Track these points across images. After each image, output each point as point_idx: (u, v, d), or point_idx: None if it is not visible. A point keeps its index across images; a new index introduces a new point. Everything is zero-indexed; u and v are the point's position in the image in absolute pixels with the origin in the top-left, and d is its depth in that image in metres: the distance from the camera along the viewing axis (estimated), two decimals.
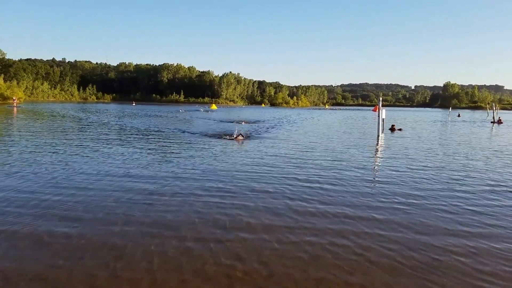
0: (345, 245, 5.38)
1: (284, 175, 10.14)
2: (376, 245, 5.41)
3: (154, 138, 19.56)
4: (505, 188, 9.23)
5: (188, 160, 12.30)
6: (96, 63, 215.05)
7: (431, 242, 5.57)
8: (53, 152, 13.32)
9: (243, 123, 33.57)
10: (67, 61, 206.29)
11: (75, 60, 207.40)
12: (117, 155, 13.12)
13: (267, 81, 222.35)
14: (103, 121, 32.29)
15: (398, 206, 7.39)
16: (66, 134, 20.10)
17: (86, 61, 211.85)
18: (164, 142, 17.76)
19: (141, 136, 20.22)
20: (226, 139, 18.62)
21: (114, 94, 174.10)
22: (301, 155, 14.16)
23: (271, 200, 7.65)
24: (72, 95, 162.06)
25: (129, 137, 19.53)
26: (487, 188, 9.23)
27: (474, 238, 5.77)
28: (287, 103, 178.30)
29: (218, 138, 19.46)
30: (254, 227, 6.09)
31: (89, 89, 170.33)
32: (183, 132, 23.46)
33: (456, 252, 5.23)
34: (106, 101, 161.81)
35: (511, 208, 7.47)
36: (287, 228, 6.05)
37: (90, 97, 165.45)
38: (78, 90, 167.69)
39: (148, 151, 14.48)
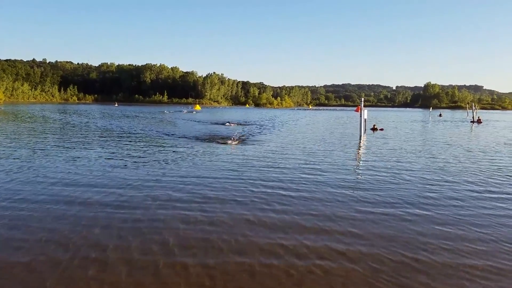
0: (326, 247, 5.28)
1: (270, 181, 10.01)
2: (355, 247, 5.32)
3: (132, 141, 19.16)
4: (479, 191, 9.27)
5: (168, 165, 12.04)
6: (78, 63, 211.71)
7: (406, 246, 5.50)
8: (15, 157, 12.57)
9: (232, 124, 32.70)
10: (47, 61, 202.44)
11: (56, 61, 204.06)
12: (85, 159, 12.51)
13: (251, 81, 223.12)
14: (80, 123, 31.60)
15: (376, 211, 7.33)
16: (38, 137, 19.48)
17: (67, 62, 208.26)
18: (140, 145, 17.38)
19: (117, 139, 19.78)
20: (219, 143, 17.99)
21: (96, 95, 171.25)
22: (286, 159, 14.05)
23: (249, 208, 7.48)
24: (53, 96, 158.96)
25: (104, 140, 19.02)
26: (464, 191, 9.26)
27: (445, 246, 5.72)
28: (271, 103, 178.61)
29: (210, 142, 18.55)
30: (230, 237, 5.92)
31: (70, 90, 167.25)
32: (159, 133, 23.08)
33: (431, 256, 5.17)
34: (88, 102, 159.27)
35: (486, 214, 7.47)
36: (264, 235, 5.90)
37: (71, 98, 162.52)
38: (59, 91, 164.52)
39: (122, 155, 14.10)
